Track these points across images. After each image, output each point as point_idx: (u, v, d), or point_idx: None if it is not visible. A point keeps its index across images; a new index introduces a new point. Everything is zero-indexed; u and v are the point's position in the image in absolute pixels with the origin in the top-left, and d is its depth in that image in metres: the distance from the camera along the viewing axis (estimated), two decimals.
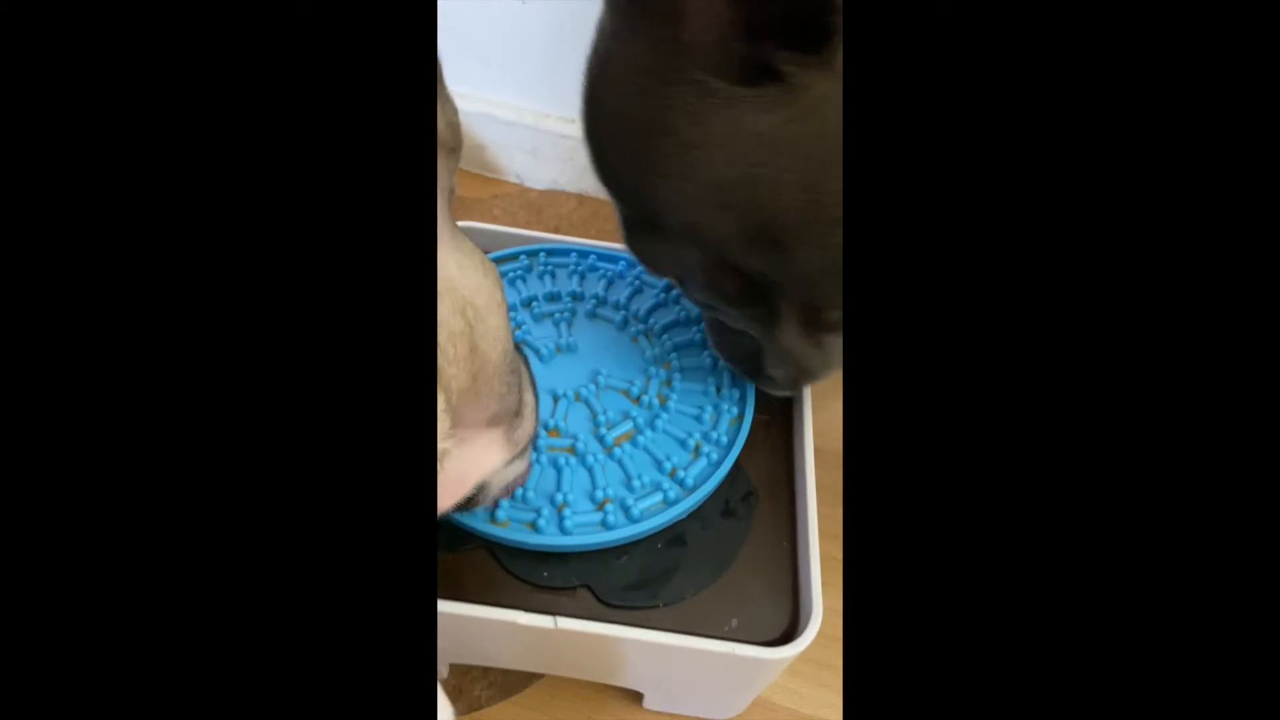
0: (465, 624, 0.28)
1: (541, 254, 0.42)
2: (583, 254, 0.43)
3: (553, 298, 0.40)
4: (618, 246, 0.42)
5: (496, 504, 0.31)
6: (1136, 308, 0.13)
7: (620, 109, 0.26)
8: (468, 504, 0.27)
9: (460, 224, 0.39)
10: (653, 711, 0.36)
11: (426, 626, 0.14)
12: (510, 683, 0.37)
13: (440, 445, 0.20)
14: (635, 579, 0.30)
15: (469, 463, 0.26)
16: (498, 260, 0.42)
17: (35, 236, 0.12)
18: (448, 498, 0.26)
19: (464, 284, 0.23)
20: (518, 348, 0.28)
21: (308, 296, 0.14)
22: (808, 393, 0.37)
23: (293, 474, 0.13)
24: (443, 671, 0.36)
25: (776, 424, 0.37)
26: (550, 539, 0.30)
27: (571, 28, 0.29)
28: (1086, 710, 0.13)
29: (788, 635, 0.29)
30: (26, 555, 0.12)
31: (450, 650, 0.33)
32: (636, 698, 0.36)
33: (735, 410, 0.36)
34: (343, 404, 0.14)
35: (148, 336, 0.13)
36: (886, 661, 0.13)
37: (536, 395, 0.28)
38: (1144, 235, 0.13)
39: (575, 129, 0.40)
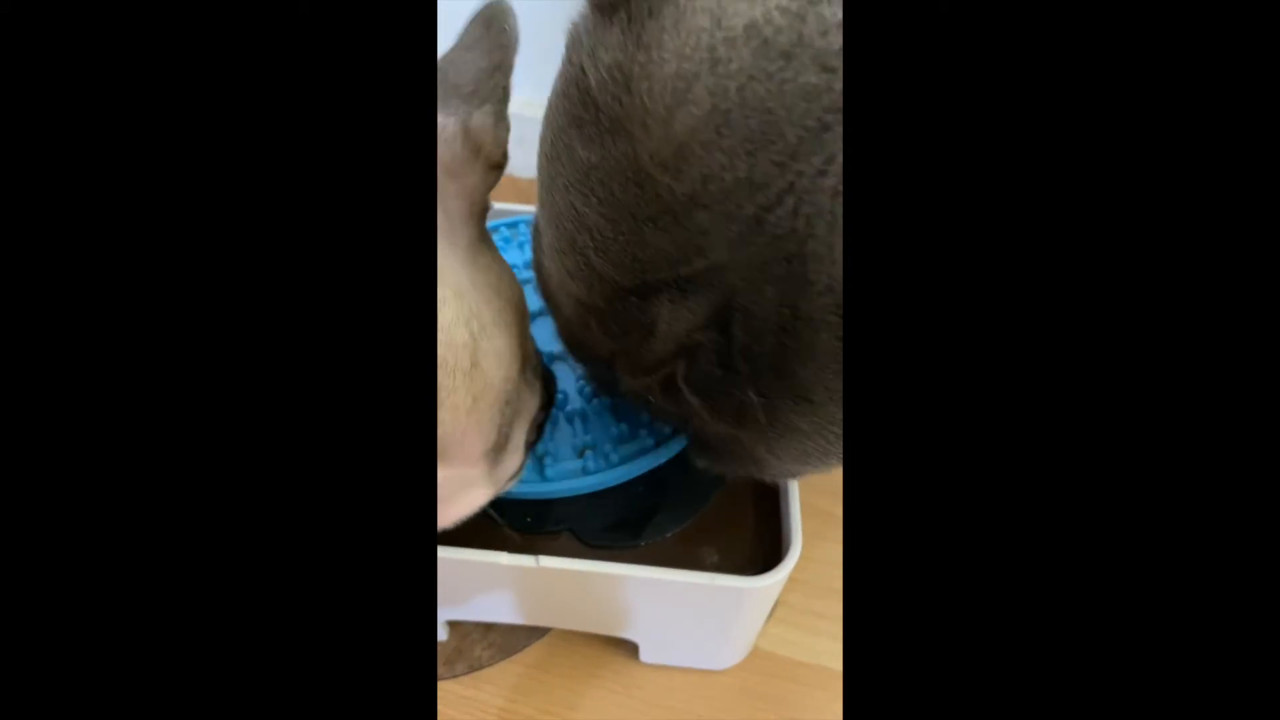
0: (452, 571, 0.29)
1: (521, 225, 0.43)
2: None
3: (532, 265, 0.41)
4: None
5: None
6: (1125, 314, 0.13)
7: None
8: None
9: None
10: (651, 665, 0.37)
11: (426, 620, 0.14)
12: (511, 642, 0.38)
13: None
14: (616, 520, 0.31)
15: (454, 504, 0.24)
16: None
17: (37, 244, 0.12)
18: None
19: (474, 296, 0.22)
20: (548, 388, 0.26)
21: (303, 292, 0.13)
22: None
23: (287, 451, 0.13)
24: (441, 632, 0.37)
25: None
26: (531, 487, 0.31)
27: (555, 18, 0.30)
28: (1086, 687, 0.13)
29: (768, 570, 0.30)
30: (28, 561, 0.12)
31: (442, 603, 0.34)
32: (636, 652, 0.36)
33: None
34: (334, 394, 0.13)
35: (146, 329, 0.13)
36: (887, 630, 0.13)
37: (539, 436, 0.26)
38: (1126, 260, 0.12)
39: None
